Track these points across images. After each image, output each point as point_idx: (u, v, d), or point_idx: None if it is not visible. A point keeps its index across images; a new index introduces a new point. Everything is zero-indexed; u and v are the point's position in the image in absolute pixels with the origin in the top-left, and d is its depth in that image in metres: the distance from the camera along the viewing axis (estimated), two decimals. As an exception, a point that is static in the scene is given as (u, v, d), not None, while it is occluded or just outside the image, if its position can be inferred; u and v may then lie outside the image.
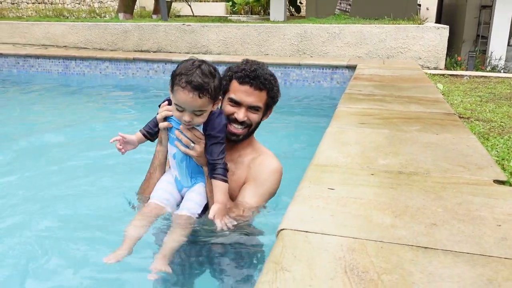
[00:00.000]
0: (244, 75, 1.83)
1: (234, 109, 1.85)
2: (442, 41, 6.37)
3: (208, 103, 1.65)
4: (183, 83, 1.60)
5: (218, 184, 1.72)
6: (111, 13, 13.58)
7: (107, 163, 3.25)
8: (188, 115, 1.66)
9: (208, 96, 1.63)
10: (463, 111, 3.18)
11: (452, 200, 1.40)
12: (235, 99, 1.85)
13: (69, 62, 6.72)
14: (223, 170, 1.73)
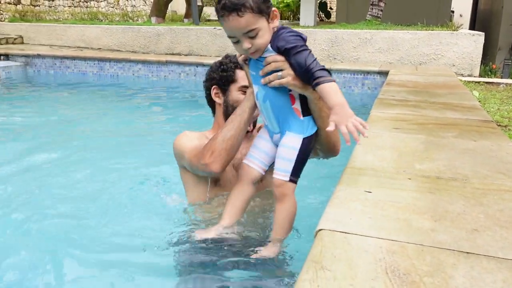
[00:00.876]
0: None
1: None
2: (477, 48, 6.24)
3: (254, 19, 1.49)
4: (220, 11, 1.51)
5: (324, 88, 1.43)
6: (144, 17, 13.85)
7: (140, 163, 3.32)
8: (244, 41, 1.52)
9: (250, 11, 1.48)
10: (500, 119, 3.11)
11: (494, 207, 1.38)
12: (247, 85, 1.81)
13: (103, 63, 6.90)
14: (322, 71, 1.45)
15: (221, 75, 1.96)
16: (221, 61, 1.98)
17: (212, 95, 2.01)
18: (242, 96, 1.88)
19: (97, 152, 3.67)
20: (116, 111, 5.20)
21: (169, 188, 2.60)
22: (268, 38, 1.53)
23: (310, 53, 1.49)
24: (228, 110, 1.94)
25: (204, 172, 1.77)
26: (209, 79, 2.02)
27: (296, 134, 1.57)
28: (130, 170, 3.21)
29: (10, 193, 2.83)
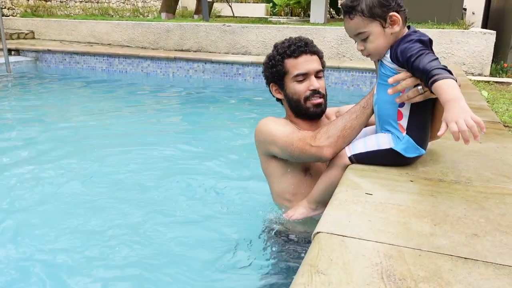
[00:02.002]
0: (295, 48, 1.83)
1: (305, 84, 1.85)
2: (488, 47, 6.17)
3: (364, 23, 1.51)
4: (342, 12, 1.59)
5: (439, 85, 1.33)
6: (154, 12, 13.89)
7: (151, 160, 3.34)
8: (358, 43, 1.59)
9: (360, 14, 1.50)
10: (509, 120, 3.08)
11: (495, 211, 1.37)
12: (302, 72, 1.84)
13: (112, 59, 6.95)
14: (439, 70, 1.35)
15: (272, 71, 1.92)
16: (269, 55, 1.94)
17: (273, 93, 1.99)
18: (298, 85, 1.86)
19: (100, 146, 3.70)
20: (124, 107, 5.24)
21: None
22: (383, 44, 1.54)
23: (427, 55, 1.41)
24: (291, 103, 1.92)
25: (312, 156, 1.69)
26: (265, 78, 2.00)
27: (390, 140, 1.63)
28: (138, 166, 3.23)
29: (23, 182, 2.86)
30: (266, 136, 1.86)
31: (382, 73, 1.63)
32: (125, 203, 2.59)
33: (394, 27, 1.53)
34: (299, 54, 1.83)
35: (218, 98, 5.79)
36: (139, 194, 2.72)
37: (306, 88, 1.85)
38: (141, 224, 2.33)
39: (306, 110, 1.90)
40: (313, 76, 1.86)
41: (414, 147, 1.64)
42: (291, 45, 1.84)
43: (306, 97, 1.87)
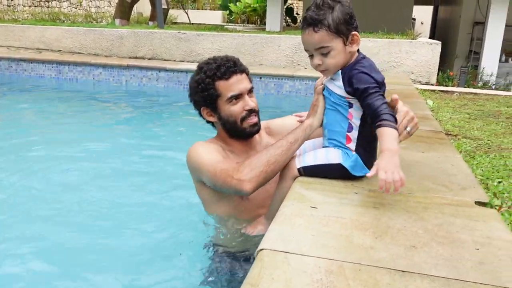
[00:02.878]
0: (226, 70, 1.80)
1: (239, 104, 1.83)
2: (434, 56, 6.44)
3: (329, 38, 1.52)
4: (301, 24, 1.57)
5: (384, 131, 1.46)
6: (108, 18, 13.60)
7: (99, 169, 3.25)
8: (315, 57, 1.58)
9: (326, 28, 1.50)
10: (452, 128, 3.22)
11: (433, 221, 1.42)
12: (236, 93, 1.81)
13: (62, 67, 6.73)
14: (389, 116, 1.47)
15: (203, 95, 1.85)
16: (196, 79, 1.86)
17: (205, 117, 1.92)
18: (234, 107, 1.82)
19: (53, 160, 3.57)
20: (72, 116, 5.08)
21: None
22: (340, 60, 1.58)
23: (380, 97, 1.51)
24: (226, 125, 1.87)
25: (233, 188, 1.66)
26: (194, 103, 1.92)
27: (339, 155, 1.67)
28: (86, 175, 3.14)
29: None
30: (194, 163, 1.82)
31: (331, 101, 1.68)
32: (61, 215, 2.51)
33: (353, 46, 1.59)
34: (230, 75, 1.80)
35: (172, 106, 5.72)
36: (79, 205, 2.64)
37: (242, 109, 1.82)
38: (79, 238, 2.26)
39: (243, 130, 1.87)
40: (246, 96, 1.84)
41: (361, 166, 1.68)
42: (220, 66, 1.79)
43: (242, 118, 1.84)
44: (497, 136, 3.06)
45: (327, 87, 1.70)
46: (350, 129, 1.65)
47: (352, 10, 1.58)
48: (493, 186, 2.10)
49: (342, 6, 1.55)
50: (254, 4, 17.98)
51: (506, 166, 2.42)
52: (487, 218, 1.45)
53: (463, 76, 8.46)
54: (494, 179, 2.20)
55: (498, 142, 2.91)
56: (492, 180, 2.18)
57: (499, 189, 2.06)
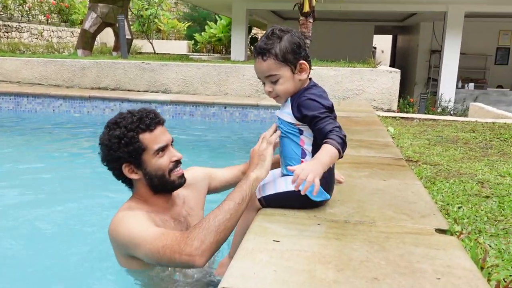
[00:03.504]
0: (150, 122, 1.72)
1: (166, 156, 1.75)
2: (394, 84, 6.64)
3: (276, 66, 1.57)
4: (253, 52, 1.62)
5: (326, 146, 1.50)
6: (70, 48, 13.43)
7: (56, 203, 3.14)
8: (267, 84, 1.63)
9: (274, 57, 1.55)
10: (412, 154, 3.28)
11: (395, 251, 1.41)
12: (162, 145, 1.73)
13: (20, 99, 6.54)
14: (337, 137, 1.51)
15: (128, 150, 1.69)
16: (116, 135, 1.70)
17: (127, 174, 1.75)
18: (161, 160, 1.72)
19: (7, 192, 3.42)
20: (29, 148, 4.90)
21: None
22: (290, 88, 1.62)
23: (331, 120, 1.55)
24: (153, 180, 1.75)
25: (183, 264, 1.52)
26: (113, 160, 1.73)
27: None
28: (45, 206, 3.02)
29: None
30: (124, 240, 1.62)
31: (283, 130, 1.72)
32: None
33: (302, 74, 1.63)
34: (154, 126, 1.72)
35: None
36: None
37: (169, 161, 1.74)
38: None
39: (172, 183, 1.78)
40: (171, 147, 1.78)
41: (321, 191, 1.67)
42: (143, 118, 1.70)
43: (170, 170, 1.75)
44: (456, 161, 3.14)
45: (278, 117, 1.74)
46: (304, 155, 1.67)
47: (300, 40, 1.64)
48: (453, 212, 2.13)
49: (291, 36, 1.61)
50: (219, 34, 18.22)
51: (465, 191, 2.47)
52: (447, 246, 1.46)
53: (423, 103, 8.76)
54: (454, 205, 2.24)
55: (457, 167, 2.98)
56: (452, 206, 2.22)
57: (459, 215, 2.09)
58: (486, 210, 2.17)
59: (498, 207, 2.23)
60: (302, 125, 1.64)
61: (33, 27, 13.97)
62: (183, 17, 21.77)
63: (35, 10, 15.04)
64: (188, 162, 2.02)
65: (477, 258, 1.54)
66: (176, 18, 21.43)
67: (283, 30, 1.61)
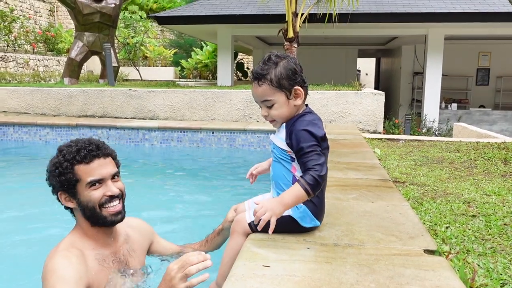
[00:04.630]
0: (86, 153, 1.70)
1: (101, 189, 1.73)
2: (379, 106, 6.74)
3: (271, 91, 1.63)
4: (251, 77, 1.67)
5: (295, 186, 1.57)
6: (57, 77, 13.43)
7: (42, 235, 3.08)
8: (262, 108, 1.68)
9: (268, 83, 1.61)
10: (399, 176, 3.32)
11: (384, 273, 1.42)
12: (96, 179, 1.70)
13: (6, 128, 6.48)
14: (311, 178, 1.54)
15: (60, 179, 1.70)
16: (54, 162, 1.72)
17: (63, 202, 1.77)
18: (93, 192, 1.70)
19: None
20: (19, 180, 4.84)
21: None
22: (285, 113, 1.66)
23: (316, 155, 1.57)
24: (86, 212, 1.73)
25: None
26: (51, 186, 1.76)
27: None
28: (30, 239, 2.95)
29: None
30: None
31: (276, 155, 1.75)
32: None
33: (297, 99, 1.67)
34: (91, 159, 1.70)
35: (123, 164, 5.60)
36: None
37: (102, 194, 1.71)
38: None
39: (104, 219, 1.75)
40: (109, 181, 1.74)
41: (310, 217, 1.69)
42: (81, 149, 1.69)
43: (101, 204, 1.72)
44: (442, 182, 3.18)
45: (272, 141, 1.76)
46: (295, 181, 1.67)
47: (296, 66, 1.67)
48: (441, 232, 2.15)
49: (287, 62, 1.65)
50: (205, 60, 18.39)
51: (452, 211, 2.50)
52: (436, 266, 1.47)
53: (408, 124, 8.88)
54: (442, 225, 2.26)
55: (444, 187, 3.01)
56: (440, 226, 2.24)
57: (447, 235, 2.11)
58: (474, 230, 2.20)
59: (485, 226, 2.25)
60: (293, 153, 1.66)
61: (19, 56, 13.96)
62: (169, 44, 21.97)
63: (21, 39, 15.09)
64: (176, 188, 2.01)
65: (466, 278, 1.55)
66: (162, 45, 21.61)
67: (280, 56, 1.65)
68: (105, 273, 1.75)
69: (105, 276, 1.74)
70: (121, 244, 1.89)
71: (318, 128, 1.64)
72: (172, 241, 2.25)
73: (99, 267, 1.73)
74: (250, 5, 10.85)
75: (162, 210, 3.77)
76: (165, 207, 3.85)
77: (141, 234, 2.03)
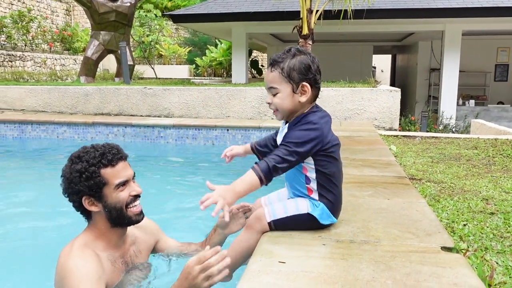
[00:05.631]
0: (112, 157, 1.76)
1: (126, 190, 1.79)
2: (395, 103, 6.67)
3: (279, 79, 1.64)
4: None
5: (247, 173, 1.58)
6: (73, 76, 13.59)
7: (60, 232, 3.13)
8: (268, 95, 1.70)
9: (279, 71, 1.63)
10: (415, 173, 3.28)
11: (401, 270, 1.41)
12: (123, 180, 1.77)
13: (25, 126, 6.59)
14: (265, 165, 1.56)
15: (89, 184, 1.74)
16: (78, 169, 1.74)
17: (86, 207, 1.78)
18: (121, 194, 1.76)
19: (11, 224, 3.41)
20: (34, 176, 4.92)
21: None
22: (287, 105, 1.66)
23: (286, 151, 1.58)
24: (112, 213, 1.78)
25: None
26: (74, 193, 1.77)
27: (308, 205, 1.70)
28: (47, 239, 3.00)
29: None
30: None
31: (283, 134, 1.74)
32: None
33: (302, 96, 1.65)
34: (116, 162, 1.77)
35: (139, 161, 5.65)
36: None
37: (128, 195, 1.79)
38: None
39: (129, 218, 1.82)
40: (131, 182, 1.82)
41: (328, 215, 1.69)
42: (106, 153, 1.75)
43: (127, 204, 1.79)
44: (459, 179, 3.14)
45: (278, 142, 1.77)
46: (308, 181, 1.70)
47: (313, 65, 1.65)
48: (458, 229, 2.12)
49: (305, 57, 1.65)
50: (219, 58, 18.42)
51: (470, 209, 2.46)
52: (453, 264, 1.46)
53: (424, 120, 8.77)
54: (459, 222, 2.23)
55: (461, 185, 2.97)
56: (457, 223, 2.21)
57: (464, 232, 2.08)
58: (492, 227, 2.16)
59: (504, 224, 2.22)
60: None
61: (37, 55, 14.17)
62: (184, 42, 22.06)
63: (38, 39, 15.30)
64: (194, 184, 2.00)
65: (484, 276, 1.53)
66: (177, 43, 21.72)
67: (300, 51, 1.67)
68: (117, 274, 1.80)
69: (117, 276, 1.79)
70: (129, 245, 1.94)
71: (314, 131, 1.62)
72: (188, 233, 2.27)
73: (112, 267, 1.78)
74: (264, 2, 10.83)
75: (176, 204, 3.80)
76: (179, 201, 3.88)
77: (147, 233, 2.08)
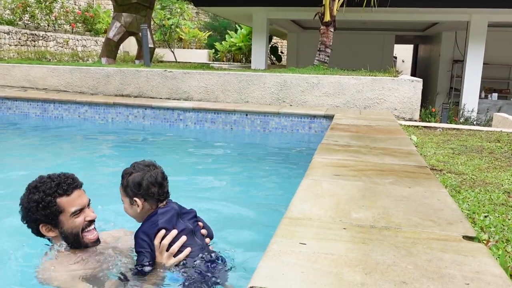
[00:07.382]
0: (67, 187, 1.87)
1: (81, 216, 1.90)
2: (416, 93, 6.59)
3: (122, 193, 1.92)
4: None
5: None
6: (94, 57, 13.72)
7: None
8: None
9: (121, 186, 1.91)
10: (436, 163, 3.25)
11: (422, 257, 1.41)
12: (78, 208, 1.88)
13: (47, 105, 6.70)
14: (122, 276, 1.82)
15: (45, 213, 1.84)
16: (35, 199, 1.83)
17: (44, 233, 1.91)
18: (76, 220, 1.88)
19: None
20: (57, 154, 5.02)
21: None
22: (130, 213, 1.94)
23: (142, 257, 1.84)
24: (69, 237, 1.91)
25: None
26: (31, 221, 1.88)
27: None
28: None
29: None
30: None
31: None
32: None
33: (138, 208, 1.90)
34: (71, 191, 1.87)
35: (159, 143, 5.70)
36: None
37: (83, 220, 1.90)
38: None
39: (86, 245, 1.93)
40: (86, 208, 1.92)
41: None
42: (61, 183, 1.85)
43: (83, 229, 1.90)
44: (481, 171, 3.10)
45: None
46: None
47: (143, 182, 1.88)
48: (479, 221, 2.11)
49: (139, 176, 1.89)
50: (239, 43, 18.37)
51: (491, 201, 2.44)
52: (475, 252, 1.45)
53: (445, 112, 8.64)
54: (480, 214, 2.21)
55: (483, 177, 2.94)
56: (478, 215, 2.20)
57: (485, 224, 2.07)
58: (514, 220, 2.15)
59: (526, 217, 2.20)
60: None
61: (59, 36, 14.32)
62: (204, 27, 22.02)
63: (61, 19, 15.44)
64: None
65: (506, 266, 1.53)
66: (197, 27, 21.69)
67: (138, 169, 1.91)
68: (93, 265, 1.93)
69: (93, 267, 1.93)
70: (101, 250, 2.03)
71: (150, 227, 1.86)
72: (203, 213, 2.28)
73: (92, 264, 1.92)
74: (286, -12, 10.71)
75: (195, 189, 3.84)
76: (197, 185, 3.91)
77: (122, 244, 2.14)
